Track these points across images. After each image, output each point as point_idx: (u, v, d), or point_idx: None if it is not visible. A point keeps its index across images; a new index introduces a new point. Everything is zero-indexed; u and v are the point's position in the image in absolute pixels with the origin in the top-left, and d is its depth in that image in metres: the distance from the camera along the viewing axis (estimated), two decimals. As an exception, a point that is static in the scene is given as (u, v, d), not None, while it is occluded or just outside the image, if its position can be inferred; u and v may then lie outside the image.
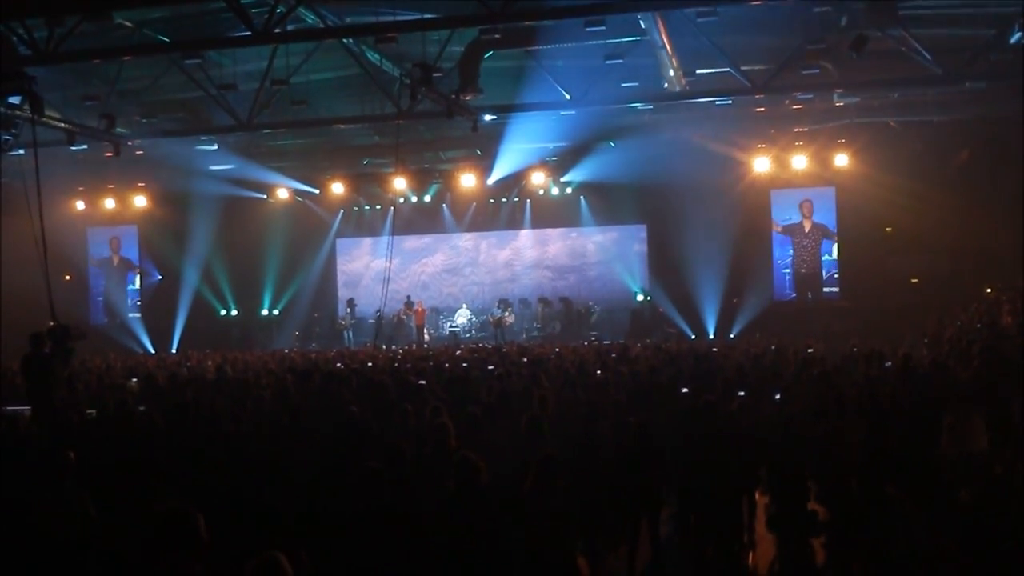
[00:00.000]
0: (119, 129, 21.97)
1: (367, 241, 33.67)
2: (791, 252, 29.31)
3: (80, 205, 32.79)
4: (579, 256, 32.58)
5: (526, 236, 32.93)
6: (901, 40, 17.93)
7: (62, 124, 20.62)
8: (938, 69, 18.33)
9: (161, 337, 32.05)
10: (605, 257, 32.17)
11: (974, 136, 24.52)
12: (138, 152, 25.20)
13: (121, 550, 6.39)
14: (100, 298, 34.35)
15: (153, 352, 30.61)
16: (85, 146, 22.53)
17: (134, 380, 17.88)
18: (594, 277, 32.21)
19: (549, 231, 32.75)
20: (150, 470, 7.76)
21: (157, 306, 33.26)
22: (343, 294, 33.39)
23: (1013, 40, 17.28)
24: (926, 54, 18.01)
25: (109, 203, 32.87)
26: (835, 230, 28.88)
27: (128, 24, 17.47)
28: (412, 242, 33.21)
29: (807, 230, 29.20)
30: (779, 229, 29.35)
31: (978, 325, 20.00)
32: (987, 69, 18.70)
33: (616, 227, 31.90)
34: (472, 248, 33.45)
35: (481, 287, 32.99)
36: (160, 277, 33.97)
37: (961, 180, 24.94)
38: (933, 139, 24.91)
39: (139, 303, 34.33)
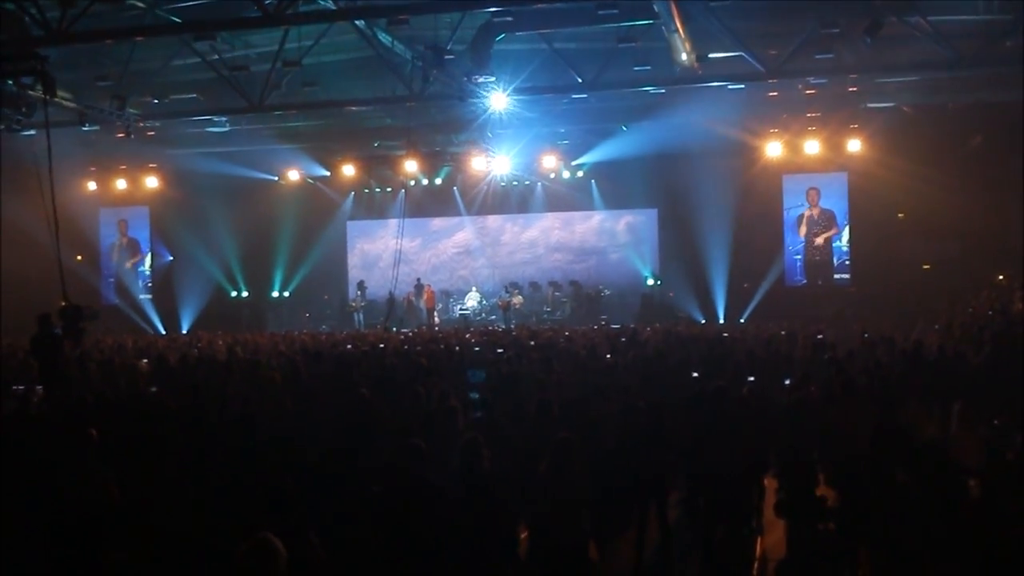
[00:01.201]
0: (131, 110, 22.01)
1: (378, 223, 33.63)
2: (802, 238, 29.24)
3: (92, 186, 32.89)
4: (590, 240, 32.54)
5: (537, 220, 32.87)
6: (916, 25, 17.84)
7: (74, 104, 20.66)
8: (952, 54, 18.23)
9: (172, 318, 32.14)
10: (616, 241, 32.13)
11: (988, 121, 24.31)
12: (149, 133, 25.25)
13: (140, 525, 6.43)
14: (112, 279, 34.44)
15: (164, 333, 30.72)
16: (97, 126, 22.56)
17: (144, 361, 17.96)
18: (604, 261, 32.16)
19: (560, 215, 32.67)
20: (162, 449, 7.80)
21: (168, 287, 33.29)
22: (353, 276, 33.42)
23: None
24: (941, 39, 17.92)
25: (121, 184, 32.93)
26: (847, 215, 28.78)
27: (140, 4, 17.46)
28: (423, 225, 33.23)
29: (816, 217, 29.12)
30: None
31: (989, 312, 19.97)
32: (1002, 54, 18.58)
33: (627, 211, 31.82)
34: (483, 231, 33.41)
35: (492, 270, 32.99)
36: (171, 258, 34.04)
37: (974, 166, 24.78)
38: (946, 124, 24.78)
39: (150, 284, 34.40)
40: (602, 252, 32.27)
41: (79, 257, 32.04)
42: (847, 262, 28.87)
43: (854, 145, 27.18)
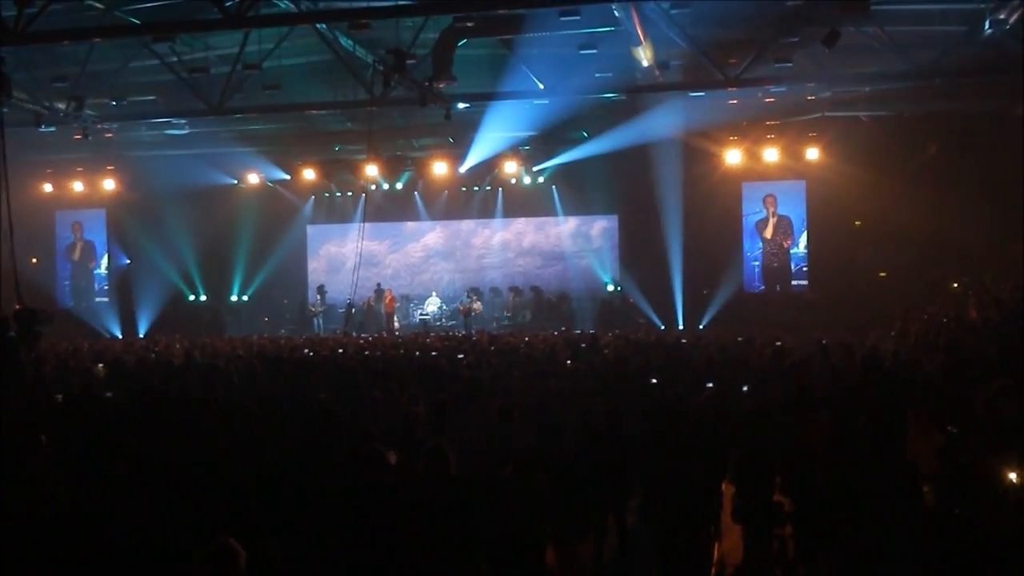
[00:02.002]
0: (88, 111, 21.77)
1: (338, 228, 33.46)
2: (760, 245, 29.46)
3: (48, 188, 32.48)
4: (550, 245, 32.54)
5: (498, 225, 32.80)
6: (873, 36, 18.05)
7: (30, 105, 20.41)
8: (909, 64, 18.47)
9: (128, 321, 31.77)
10: (576, 247, 32.16)
11: (943, 130, 24.65)
12: (107, 135, 24.99)
13: (89, 531, 6.35)
14: (67, 282, 34.03)
15: (120, 336, 30.39)
16: (54, 128, 22.29)
17: (100, 365, 17.75)
18: (565, 267, 32.19)
19: (521, 220, 32.66)
20: (117, 454, 7.70)
21: (125, 290, 32.92)
22: (313, 280, 33.24)
23: (983, 36, 17.42)
24: (897, 50, 18.15)
25: (77, 186, 32.58)
26: (805, 223, 29.03)
27: (99, 5, 17.23)
28: (388, 229, 33.12)
29: (774, 224, 29.35)
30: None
31: (944, 319, 20.17)
32: (957, 64, 18.84)
33: (587, 217, 31.86)
34: (443, 236, 33.32)
35: (453, 275, 32.92)
36: (128, 261, 33.67)
37: (930, 174, 25.02)
38: (902, 133, 25.06)
39: (107, 287, 34.00)
40: (567, 258, 32.27)
41: (34, 260, 31.62)
42: (804, 269, 29.12)
43: (812, 153, 27.47)
